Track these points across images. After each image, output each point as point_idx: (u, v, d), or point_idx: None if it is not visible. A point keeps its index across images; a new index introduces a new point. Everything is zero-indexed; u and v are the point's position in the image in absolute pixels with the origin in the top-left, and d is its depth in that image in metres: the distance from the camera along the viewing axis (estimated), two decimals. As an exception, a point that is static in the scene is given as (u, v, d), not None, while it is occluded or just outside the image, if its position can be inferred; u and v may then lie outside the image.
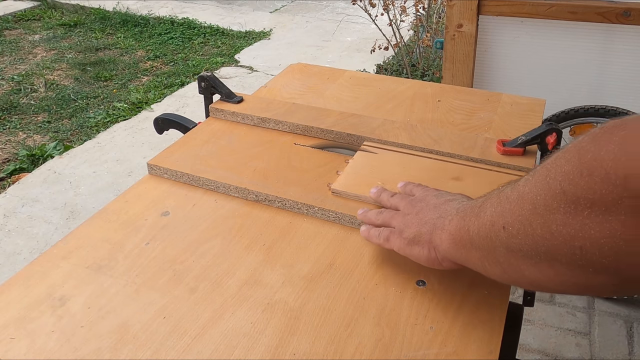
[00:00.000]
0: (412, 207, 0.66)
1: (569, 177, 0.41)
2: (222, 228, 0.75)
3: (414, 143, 0.89)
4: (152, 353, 0.57)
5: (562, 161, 0.43)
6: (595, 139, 0.40)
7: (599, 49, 1.72)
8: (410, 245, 0.62)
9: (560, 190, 0.42)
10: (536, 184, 0.45)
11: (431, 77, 3.40)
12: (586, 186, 0.39)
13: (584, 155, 0.40)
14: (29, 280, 0.66)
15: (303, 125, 0.96)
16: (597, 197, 0.39)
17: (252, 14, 5.14)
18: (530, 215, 0.45)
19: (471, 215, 0.54)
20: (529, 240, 0.45)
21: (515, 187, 0.48)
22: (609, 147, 0.38)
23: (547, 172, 0.44)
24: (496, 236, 0.49)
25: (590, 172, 0.39)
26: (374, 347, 0.57)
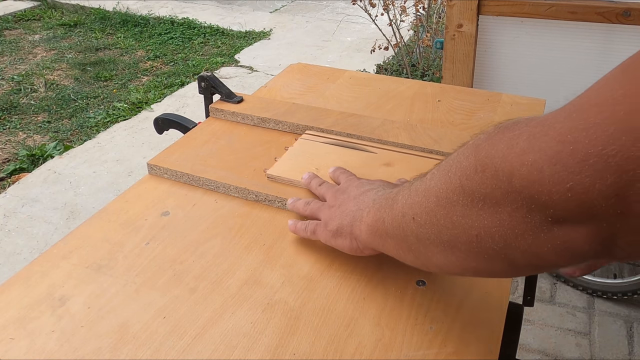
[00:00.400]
0: (335, 199, 0.70)
1: (466, 172, 0.45)
2: (222, 228, 0.75)
3: (414, 143, 0.89)
4: (152, 353, 0.57)
5: (462, 157, 0.46)
6: (490, 138, 0.44)
7: (599, 49, 1.72)
8: (334, 237, 0.66)
9: (459, 184, 0.46)
10: (440, 178, 0.49)
11: (431, 77, 3.40)
12: (480, 181, 0.43)
13: (479, 152, 0.44)
14: (28, 280, 0.66)
15: (303, 125, 0.96)
16: (488, 192, 0.43)
17: (252, 14, 5.14)
18: (435, 207, 0.49)
19: (385, 207, 0.58)
20: (434, 229, 0.49)
21: (423, 181, 0.52)
22: (499, 146, 0.42)
23: (449, 167, 0.48)
24: (407, 226, 0.53)
25: (483, 168, 0.43)
26: (374, 347, 0.57)
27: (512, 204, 0.41)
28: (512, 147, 0.40)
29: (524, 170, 0.39)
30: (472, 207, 0.44)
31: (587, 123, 0.36)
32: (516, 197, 0.40)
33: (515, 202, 0.40)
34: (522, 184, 0.39)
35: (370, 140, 0.91)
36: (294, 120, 0.97)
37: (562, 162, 0.36)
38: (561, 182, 0.37)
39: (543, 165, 0.38)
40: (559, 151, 0.37)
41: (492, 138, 0.43)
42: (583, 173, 0.35)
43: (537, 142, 0.39)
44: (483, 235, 0.44)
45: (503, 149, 0.41)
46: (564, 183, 0.36)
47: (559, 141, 0.37)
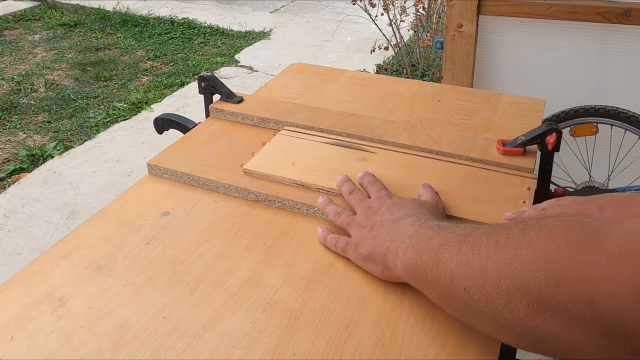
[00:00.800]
0: (367, 218, 0.68)
1: (535, 278, 0.43)
2: (222, 228, 0.75)
3: (414, 143, 0.89)
4: (152, 353, 0.57)
5: (528, 257, 0.44)
6: (559, 250, 0.42)
7: (599, 49, 1.72)
8: (364, 261, 0.66)
9: (525, 286, 0.44)
10: (500, 264, 0.46)
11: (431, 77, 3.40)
12: (552, 295, 0.41)
13: (551, 264, 0.42)
14: (29, 280, 0.66)
15: (303, 125, 0.96)
16: (561, 307, 0.41)
17: (252, 14, 5.14)
18: (493, 293, 0.47)
19: (428, 256, 0.56)
20: (489, 310, 0.48)
21: (476, 253, 0.50)
22: (575, 265, 0.40)
23: (512, 259, 0.45)
24: (456, 292, 0.51)
25: (557, 283, 0.41)
26: (374, 347, 0.57)
27: (587, 326, 0.39)
28: (591, 272, 0.39)
29: (605, 301, 0.38)
30: (539, 312, 0.43)
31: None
32: (593, 321, 0.39)
33: (593, 324, 0.39)
34: (603, 312, 0.38)
35: (370, 140, 0.91)
36: (294, 120, 0.97)
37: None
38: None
39: (625, 299, 0.37)
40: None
41: (564, 251, 0.42)
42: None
43: (618, 273, 0.37)
44: (548, 337, 0.43)
45: (580, 271, 0.40)
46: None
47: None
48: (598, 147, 1.83)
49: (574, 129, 1.77)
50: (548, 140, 0.84)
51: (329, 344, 0.58)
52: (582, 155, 1.87)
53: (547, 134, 0.84)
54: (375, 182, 0.76)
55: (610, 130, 1.76)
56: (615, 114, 1.71)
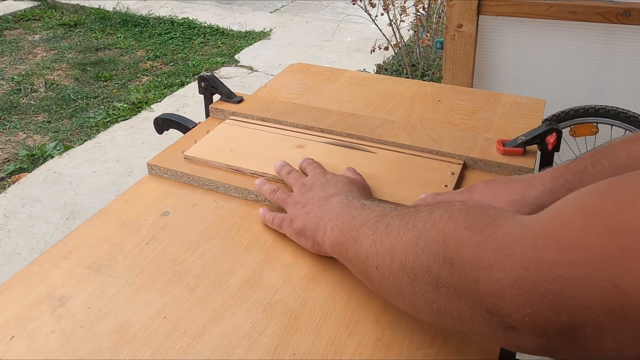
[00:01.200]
0: (301, 195, 0.72)
1: (434, 257, 0.46)
2: (222, 228, 0.75)
3: (414, 143, 0.89)
4: (152, 353, 0.57)
5: (430, 238, 0.48)
6: (457, 230, 0.45)
7: (599, 49, 1.72)
8: (297, 236, 0.70)
9: (426, 264, 0.47)
10: (407, 245, 0.50)
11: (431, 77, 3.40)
12: (447, 272, 0.45)
13: (448, 244, 0.45)
14: (28, 280, 0.66)
15: (303, 125, 0.96)
16: (454, 284, 0.44)
17: (252, 14, 5.14)
18: (399, 272, 0.50)
19: (349, 235, 0.60)
20: (397, 288, 0.52)
21: (388, 234, 0.53)
22: (467, 248, 0.43)
23: (417, 240, 0.49)
24: (370, 270, 0.55)
25: (452, 262, 0.44)
26: (374, 347, 0.57)
27: (473, 302, 0.43)
28: (479, 256, 0.42)
29: (488, 283, 0.41)
30: (437, 289, 0.46)
31: (551, 259, 0.37)
32: (478, 299, 0.42)
33: (477, 302, 0.42)
34: (486, 293, 0.41)
35: (370, 140, 0.91)
36: (293, 120, 0.97)
37: (524, 289, 0.38)
38: (521, 307, 0.38)
39: (506, 286, 0.39)
40: (522, 277, 0.38)
41: (460, 233, 0.45)
42: (541, 306, 0.37)
43: (503, 261, 0.40)
44: (443, 312, 0.46)
45: (471, 254, 0.43)
46: (523, 308, 0.38)
47: (523, 267, 0.38)
48: (598, 147, 1.82)
49: (574, 129, 1.77)
50: (548, 140, 0.84)
51: (329, 343, 0.58)
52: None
53: (547, 134, 0.84)
54: (313, 163, 0.80)
55: (610, 130, 1.76)
56: (615, 114, 1.71)
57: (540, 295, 0.37)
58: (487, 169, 0.85)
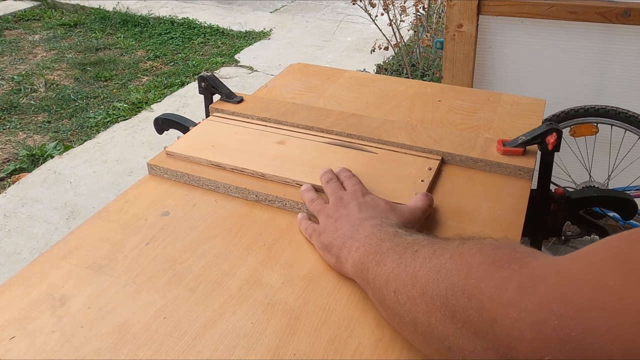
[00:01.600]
0: (335, 210, 0.70)
1: (453, 289, 0.45)
2: (222, 228, 0.75)
3: (414, 143, 0.89)
4: (152, 353, 0.57)
5: (454, 269, 0.46)
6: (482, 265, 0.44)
7: (599, 49, 1.72)
8: (322, 250, 0.68)
9: (444, 295, 0.45)
10: (429, 273, 0.48)
11: (431, 77, 3.40)
12: (464, 307, 0.43)
13: (470, 276, 0.44)
14: (28, 280, 0.66)
15: (303, 125, 0.96)
16: (469, 320, 0.42)
17: (252, 14, 5.14)
18: (418, 299, 0.49)
19: (373, 257, 0.58)
20: (411, 317, 0.50)
21: (415, 259, 0.52)
22: (489, 283, 0.42)
23: (439, 268, 0.48)
24: (387, 294, 0.54)
25: (470, 297, 0.43)
26: (374, 347, 0.57)
27: (489, 343, 0.40)
28: (501, 292, 0.40)
29: (507, 323, 0.39)
30: (452, 324, 0.44)
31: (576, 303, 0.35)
32: (495, 340, 0.40)
33: (492, 343, 0.40)
34: (503, 334, 0.39)
35: (370, 140, 0.91)
36: (294, 120, 0.97)
37: (544, 333, 0.36)
38: (539, 351, 0.36)
39: (525, 328, 0.37)
40: (543, 320, 0.36)
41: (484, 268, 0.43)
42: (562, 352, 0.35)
43: (524, 300, 0.38)
44: (455, 350, 0.44)
45: (492, 289, 0.41)
46: (541, 353, 0.36)
47: (545, 308, 0.36)
48: (598, 147, 1.83)
49: (574, 129, 1.77)
50: (548, 140, 0.84)
51: (329, 344, 0.58)
52: (582, 155, 1.87)
53: (547, 133, 0.84)
54: (352, 177, 0.78)
55: (610, 130, 1.76)
56: (615, 114, 1.71)
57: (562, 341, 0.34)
58: (488, 169, 0.85)
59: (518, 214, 0.76)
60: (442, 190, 0.81)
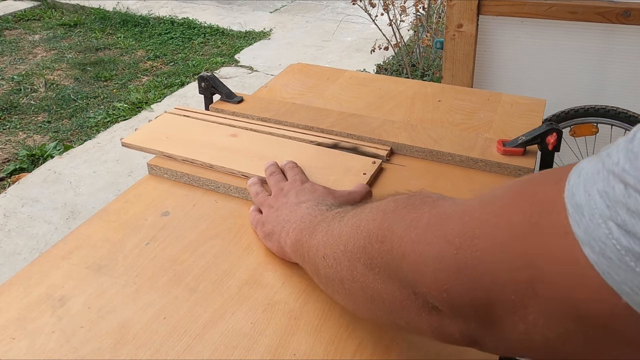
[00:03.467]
0: (276, 199, 0.72)
1: (369, 236, 0.46)
2: (222, 228, 0.75)
3: (414, 143, 0.89)
4: (152, 353, 0.57)
5: (371, 219, 0.48)
6: (397, 210, 0.45)
7: (599, 49, 1.72)
8: (265, 238, 0.70)
9: (363, 245, 0.47)
10: (351, 229, 0.50)
11: (431, 77, 3.40)
12: (378, 251, 0.45)
13: (384, 221, 0.45)
14: (29, 280, 0.66)
15: (303, 125, 0.96)
16: (383, 262, 0.44)
17: (252, 14, 5.14)
18: (341, 255, 0.50)
19: (307, 231, 0.60)
20: (338, 275, 0.51)
21: (339, 222, 0.54)
22: (401, 224, 0.43)
23: (359, 222, 0.49)
24: (318, 261, 0.55)
25: (382, 240, 0.44)
26: (375, 348, 0.57)
27: (401, 281, 0.42)
28: (409, 230, 0.42)
29: (413, 258, 0.40)
30: (370, 270, 0.46)
31: (473, 233, 0.36)
32: (404, 277, 0.42)
33: (404, 280, 0.42)
34: (409, 269, 0.41)
35: (370, 141, 0.91)
36: (293, 120, 0.97)
37: (445, 263, 0.37)
38: (440, 282, 0.38)
39: (429, 260, 0.39)
40: (444, 251, 0.38)
41: (398, 212, 0.45)
42: (459, 281, 0.37)
43: (430, 234, 0.40)
44: (376, 297, 0.46)
45: (403, 228, 0.43)
46: (442, 283, 0.38)
47: (447, 241, 0.38)
48: (598, 147, 1.83)
49: (574, 129, 1.77)
50: (548, 140, 0.84)
51: (330, 344, 0.58)
52: (582, 155, 1.87)
53: (547, 134, 0.84)
54: (294, 168, 0.79)
55: (610, 130, 1.76)
56: (615, 114, 1.71)
57: (458, 269, 0.36)
58: (488, 169, 0.85)
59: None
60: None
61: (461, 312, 0.38)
